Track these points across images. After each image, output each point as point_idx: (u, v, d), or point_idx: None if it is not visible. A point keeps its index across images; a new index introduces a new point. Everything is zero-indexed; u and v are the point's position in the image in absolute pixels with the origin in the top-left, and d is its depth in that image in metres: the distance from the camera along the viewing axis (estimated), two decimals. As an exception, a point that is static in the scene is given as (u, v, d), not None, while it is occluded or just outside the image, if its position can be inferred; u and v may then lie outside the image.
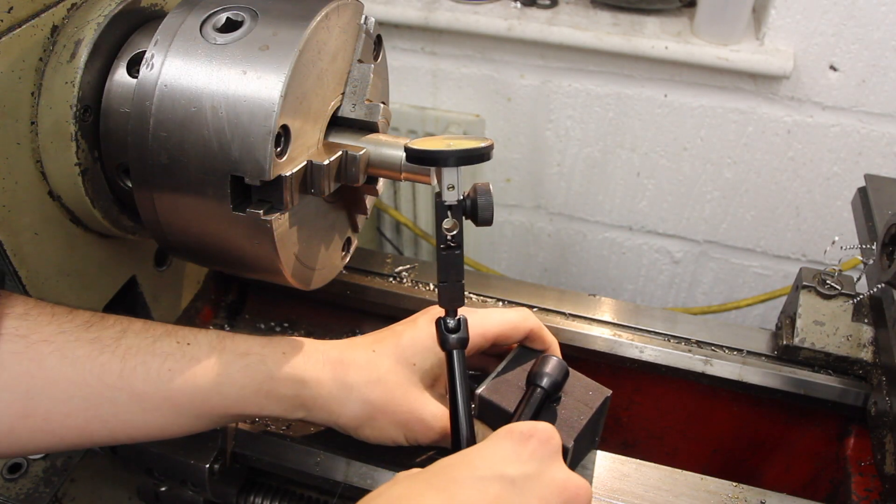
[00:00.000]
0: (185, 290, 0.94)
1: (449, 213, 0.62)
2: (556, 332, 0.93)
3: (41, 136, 0.67)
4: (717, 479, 0.76)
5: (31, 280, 0.69)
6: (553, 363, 0.70)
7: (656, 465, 0.77)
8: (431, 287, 0.98)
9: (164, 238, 0.69)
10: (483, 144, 0.61)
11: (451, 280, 0.63)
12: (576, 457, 0.73)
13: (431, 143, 0.63)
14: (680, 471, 0.77)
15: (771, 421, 0.96)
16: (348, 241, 0.82)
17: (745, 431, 0.99)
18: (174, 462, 0.75)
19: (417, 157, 0.62)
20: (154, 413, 0.64)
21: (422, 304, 0.95)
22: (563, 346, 0.93)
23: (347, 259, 0.83)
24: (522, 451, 0.58)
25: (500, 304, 0.96)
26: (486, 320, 0.74)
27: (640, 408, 1.01)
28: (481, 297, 0.96)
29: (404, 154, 0.66)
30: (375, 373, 0.70)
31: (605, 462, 0.77)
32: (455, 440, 0.65)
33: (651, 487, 0.75)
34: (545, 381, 0.68)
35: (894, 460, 0.78)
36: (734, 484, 0.76)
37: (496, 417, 0.69)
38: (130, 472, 0.82)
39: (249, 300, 1.04)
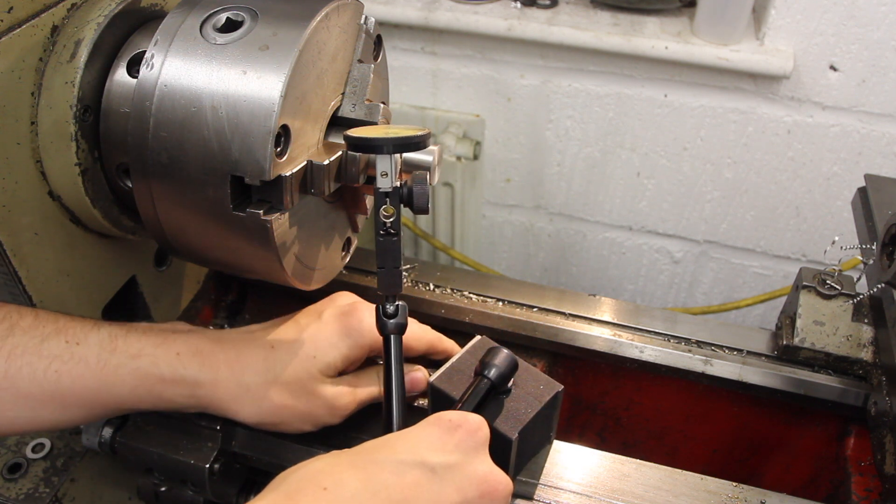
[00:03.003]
0: (185, 290, 0.94)
1: (387, 200, 0.63)
2: (556, 332, 0.93)
3: (41, 136, 0.67)
4: (717, 479, 0.76)
5: (31, 280, 0.69)
6: (502, 355, 0.71)
7: (656, 465, 0.77)
8: (432, 287, 0.98)
9: (164, 238, 0.69)
10: (419, 133, 0.62)
11: (389, 266, 0.65)
12: (524, 450, 0.74)
13: (371, 131, 0.64)
14: (680, 471, 0.77)
15: (771, 421, 0.96)
16: (348, 241, 0.82)
17: (745, 431, 0.99)
18: (174, 462, 0.75)
19: (356, 145, 0.64)
20: (41, 411, 0.64)
21: (422, 304, 0.95)
22: (563, 346, 0.93)
23: (347, 259, 0.83)
24: (448, 439, 0.59)
25: (501, 303, 0.96)
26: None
27: (640, 408, 1.01)
28: (481, 297, 0.96)
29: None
30: (272, 372, 0.71)
31: (605, 462, 0.77)
32: (386, 423, 0.66)
33: (651, 487, 0.75)
34: (492, 372, 0.69)
35: (894, 460, 0.78)
36: (734, 484, 0.76)
37: (446, 406, 0.70)
38: (130, 472, 0.82)
39: (249, 300, 1.04)
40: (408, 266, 1.00)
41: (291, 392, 0.71)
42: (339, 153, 0.69)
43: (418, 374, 0.80)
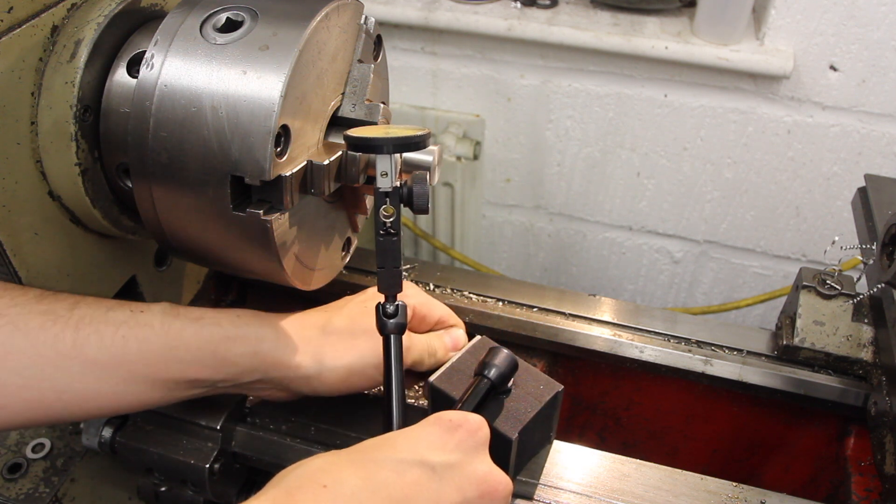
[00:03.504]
0: (185, 290, 0.94)
1: (387, 200, 0.63)
2: (555, 332, 0.93)
3: (41, 136, 0.67)
4: (717, 479, 0.76)
5: (31, 280, 0.69)
6: (502, 355, 0.71)
7: (656, 465, 0.77)
8: (432, 287, 0.98)
9: (164, 238, 0.69)
10: (419, 133, 0.62)
11: (389, 266, 0.65)
12: (524, 450, 0.74)
13: (371, 131, 0.65)
14: (680, 471, 0.77)
15: (771, 421, 0.96)
16: (348, 241, 0.82)
17: (745, 431, 0.99)
18: (174, 462, 0.75)
19: (356, 145, 0.64)
20: (108, 381, 0.64)
21: (422, 304, 0.95)
22: (563, 346, 0.93)
23: (347, 259, 0.83)
24: (448, 439, 0.59)
25: (501, 303, 0.96)
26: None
27: (640, 408, 1.01)
28: (481, 297, 0.96)
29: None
30: (331, 326, 0.73)
31: (605, 462, 0.77)
32: (386, 422, 0.66)
33: (651, 487, 0.75)
34: (492, 372, 0.69)
35: (894, 460, 0.78)
36: (734, 484, 0.76)
37: (446, 406, 0.70)
38: (130, 472, 0.82)
39: (249, 300, 1.04)
40: (408, 266, 1.00)
41: (337, 349, 0.73)
42: (339, 153, 0.69)
43: (459, 332, 0.84)
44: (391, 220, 0.64)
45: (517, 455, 0.72)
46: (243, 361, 0.69)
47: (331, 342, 0.73)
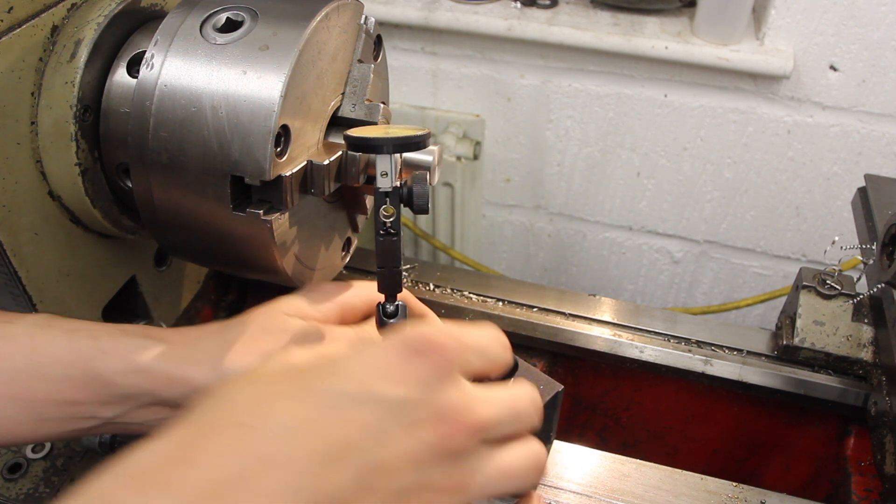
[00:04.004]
0: (185, 290, 0.94)
1: (387, 200, 0.63)
2: (556, 332, 0.93)
3: (41, 136, 0.67)
4: (717, 479, 0.76)
5: (31, 281, 0.69)
6: None
7: (656, 465, 0.77)
8: (432, 287, 0.98)
9: (164, 238, 0.69)
10: (419, 133, 0.61)
11: (389, 266, 0.64)
12: None
13: (371, 131, 0.64)
14: (680, 471, 0.77)
15: (771, 421, 0.96)
16: (348, 241, 0.82)
17: (745, 431, 0.99)
18: (174, 462, 0.75)
19: (356, 145, 0.63)
20: None
21: (422, 304, 0.95)
22: (563, 346, 0.93)
23: (347, 259, 0.83)
24: (407, 368, 0.45)
25: (501, 303, 0.96)
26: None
27: (640, 408, 1.01)
28: (481, 297, 0.96)
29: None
30: (225, 332, 0.64)
31: (605, 462, 0.77)
32: None
33: (651, 487, 0.75)
34: None
35: (894, 460, 0.78)
36: (734, 484, 0.76)
37: None
38: (130, 472, 0.82)
39: (249, 300, 1.04)
40: (408, 266, 1.00)
41: (252, 336, 0.63)
42: (339, 153, 0.69)
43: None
44: (391, 220, 0.64)
45: None
46: (125, 381, 0.58)
47: (228, 344, 0.62)
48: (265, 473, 0.39)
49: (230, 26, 0.63)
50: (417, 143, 0.62)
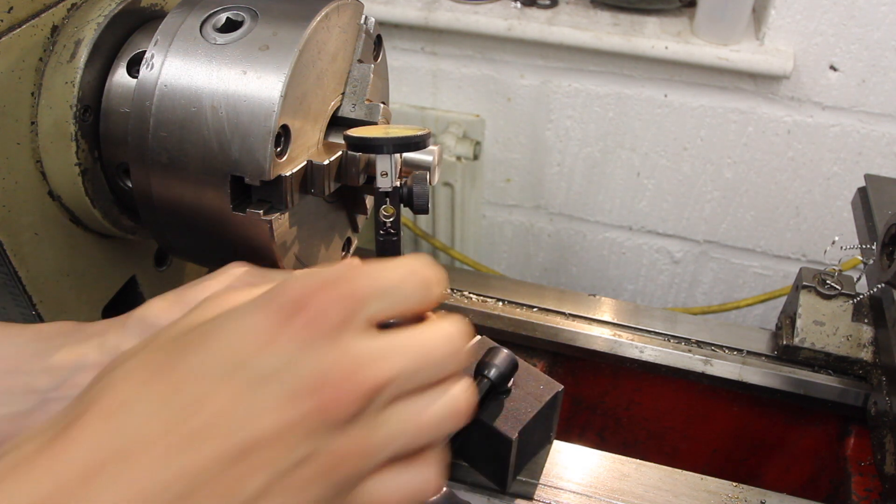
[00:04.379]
0: (185, 290, 0.93)
1: (387, 200, 0.63)
2: (556, 332, 0.93)
3: (41, 136, 0.67)
4: (717, 479, 0.76)
5: (31, 280, 0.68)
6: (502, 355, 0.71)
7: (656, 465, 0.77)
8: (431, 287, 0.98)
9: (164, 238, 0.69)
10: (419, 133, 0.61)
11: None
12: (524, 450, 0.74)
13: (371, 131, 0.64)
14: (680, 471, 0.77)
15: (771, 421, 0.96)
16: (348, 241, 0.82)
17: (745, 431, 0.99)
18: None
19: (356, 145, 0.63)
20: None
21: (422, 304, 0.95)
22: (563, 346, 0.93)
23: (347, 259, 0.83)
24: (279, 331, 0.40)
25: (501, 303, 0.96)
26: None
27: (640, 408, 1.01)
28: (481, 297, 0.96)
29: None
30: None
31: (605, 462, 0.77)
32: None
33: (651, 487, 0.75)
34: (492, 372, 0.69)
35: (894, 460, 0.78)
36: (734, 484, 0.76)
37: None
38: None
39: (249, 300, 1.04)
40: (408, 266, 1.00)
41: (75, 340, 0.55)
42: (339, 153, 0.69)
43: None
44: (391, 220, 0.64)
45: (517, 455, 0.72)
46: (23, 365, 0.52)
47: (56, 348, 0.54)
48: (119, 464, 0.36)
49: (230, 26, 0.63)
50: (417, 143, 0.62)
